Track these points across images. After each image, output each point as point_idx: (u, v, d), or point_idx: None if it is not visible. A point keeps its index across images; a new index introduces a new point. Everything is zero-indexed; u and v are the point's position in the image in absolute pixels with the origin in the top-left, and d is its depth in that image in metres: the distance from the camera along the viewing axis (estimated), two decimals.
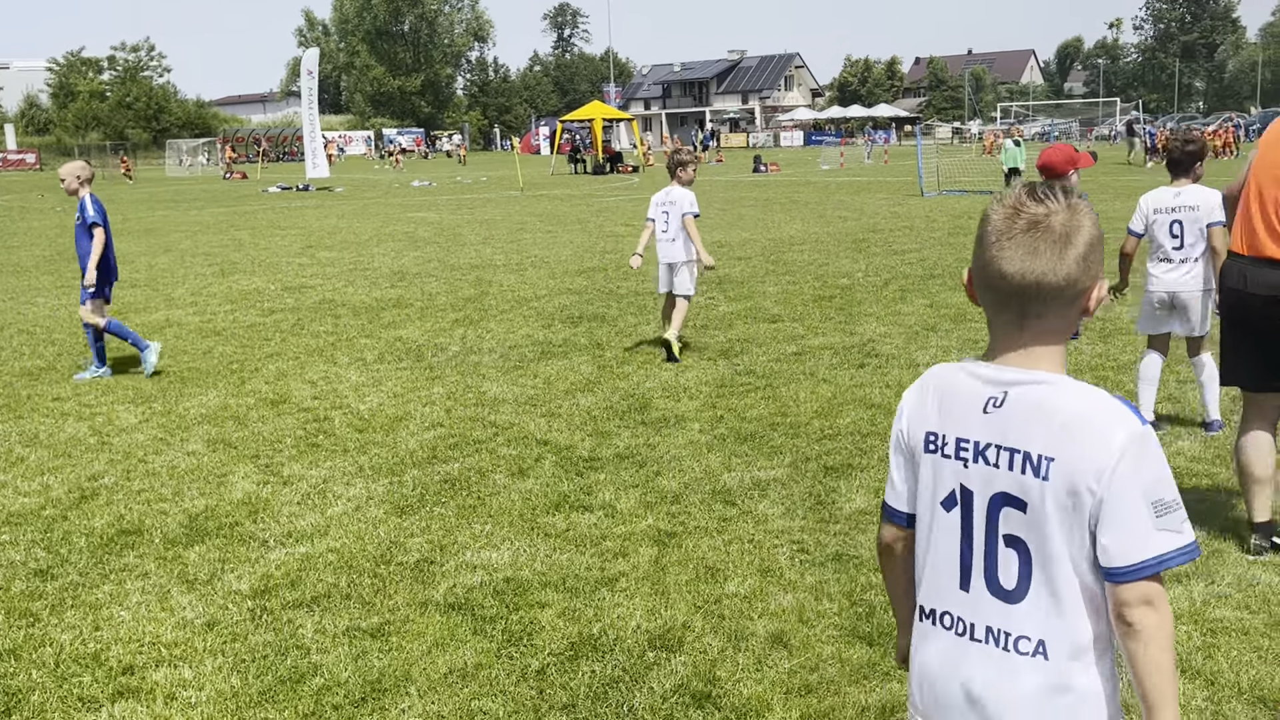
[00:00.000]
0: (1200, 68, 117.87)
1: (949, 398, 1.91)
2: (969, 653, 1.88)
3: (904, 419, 1.99)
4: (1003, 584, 1.85)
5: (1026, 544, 1.82)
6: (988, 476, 1.84)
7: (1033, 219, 1.80)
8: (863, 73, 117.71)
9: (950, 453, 1.89)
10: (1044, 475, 1.78)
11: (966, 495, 1.87)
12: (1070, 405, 1.79)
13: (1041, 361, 1.85)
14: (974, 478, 1.86)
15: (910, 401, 2.00)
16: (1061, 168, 6.81)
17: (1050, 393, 1.81)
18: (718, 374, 8.31)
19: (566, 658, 3.93)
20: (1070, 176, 6.85)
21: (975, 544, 1.88)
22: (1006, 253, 1.81)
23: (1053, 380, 1.81)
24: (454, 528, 5.27)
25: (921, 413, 1.95)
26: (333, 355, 9.47)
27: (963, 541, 1.89)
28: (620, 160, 49.97)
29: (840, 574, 4.60)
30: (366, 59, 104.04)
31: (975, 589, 1.88)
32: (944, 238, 17.52)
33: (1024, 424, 1.81)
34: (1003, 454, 1.82)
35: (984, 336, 9.31)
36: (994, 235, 1.83)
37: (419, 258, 16.81)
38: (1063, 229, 1.81)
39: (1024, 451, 1.80)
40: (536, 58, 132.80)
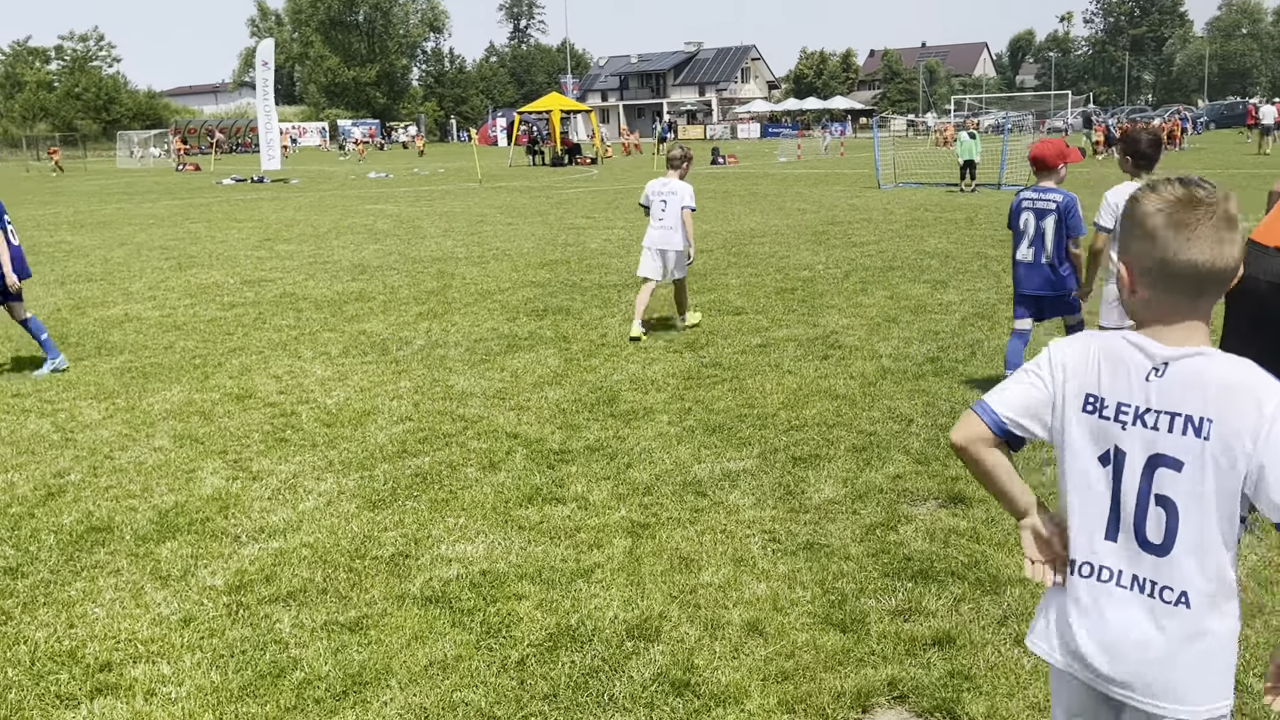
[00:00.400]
0: (1149, 61, 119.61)
1: (1115, 365, 2.07)
2: (1114, 601, 2.08)
3: (1062, 370, 2.13)
4: (1150, 538, 2.04)
5: (1176, 502, 2.00)
6: (1148, 439, 2.02)
7: (1211, 210, 1.98)
8: (818, 65, 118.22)
9: (1110, 416, 2.07)
10: (1205, 435, 1.96)
11: (1120, 455, 2.06)
12: (1227, 373, 1.98)
13: (1196, 336, 2.03)
14: (1131, 439, 2.04)
15: (1073, 359, 2.13)
16: (1052, 161, 6.94)
17: (1207, 363, 1.99)
18: (684, 366, 8.37)
19: (546, 648, 3.97)
20: (1059, 170, 6.98)
21: (1125, 500, 2.06)
22: (1195, 244, 1.97)
23: (1208, 352, 2.00)
24: (427, 521, 5.29)
25: (1085, 374, 2.11)
26: (296, 349, 9.42)
27: (1112, 497, 2.07)
28: (578, 152, 49.91)
29: (812, 562, 4.67)
30: (320, 49, 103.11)
31: (1123, 541, 2.07)
32: (902, 230, 17.69)
33: (1184, 391, 1.99)
34: (1163, 418, 2.01)
35: (942, 328, 9.49)
36: (1175, 227, 1.98)
37: (379, 250, 16.72)
38: (1233, 217, 1.99)
39: (1185, 415, 1.98)
40: (493, 49, 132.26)
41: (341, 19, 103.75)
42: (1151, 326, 2.05)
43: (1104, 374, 2.08)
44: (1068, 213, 6.85)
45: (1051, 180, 6.98)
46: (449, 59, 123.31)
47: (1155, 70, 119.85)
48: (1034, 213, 6.96)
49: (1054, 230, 6.88)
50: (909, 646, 3.91)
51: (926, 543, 4.86)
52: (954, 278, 12.37)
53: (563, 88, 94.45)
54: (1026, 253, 7.04)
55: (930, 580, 4.46)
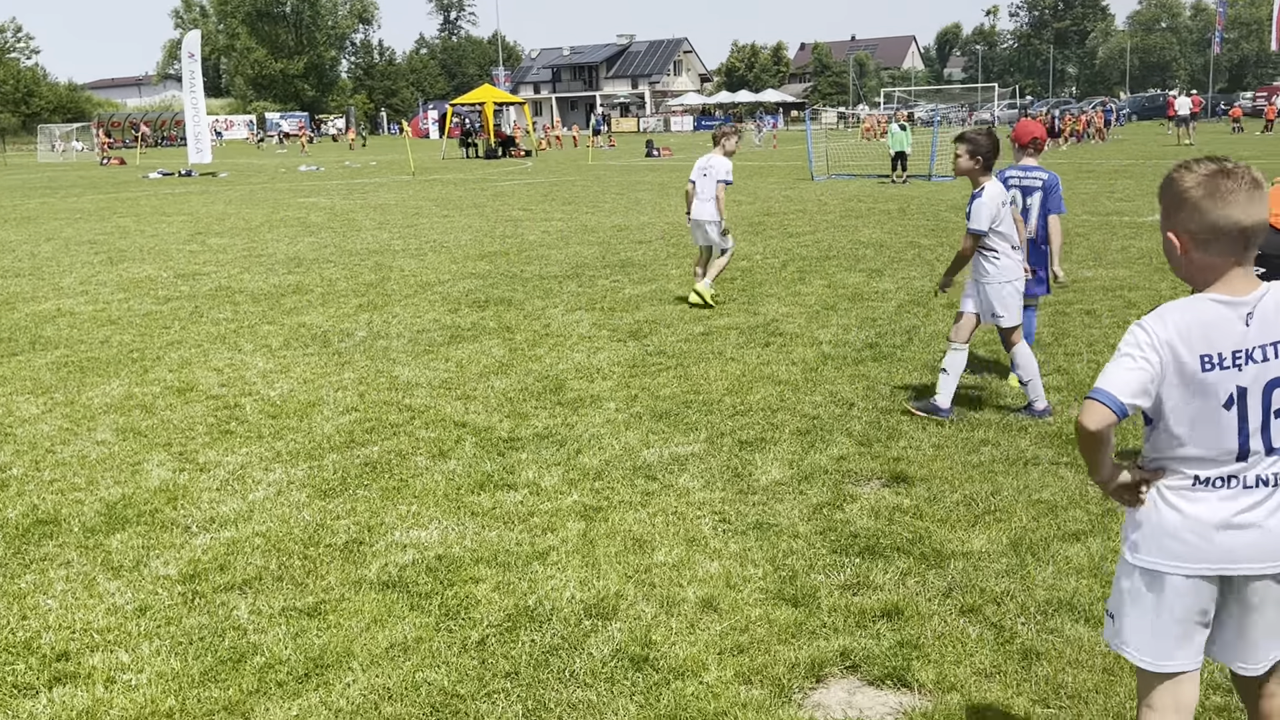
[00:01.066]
0: (1073, 54, 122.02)
1: (1213, 325, 2.44)
2: (1245, 498, 2.49)
3: (1169, 348, 2.45)
4: (1275, 444, 2.49)
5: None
6: (1260, 371, 2.45)
7: (1244, 178, 2.40)
8: (750, 58, 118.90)
9: (1227, 365, 2.45)
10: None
11: (1242, 391, 2.46)
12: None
13: (1251, 279, 2.46)
14: (1247, 377, 2.45)
15: (1175, 334, 2.45)
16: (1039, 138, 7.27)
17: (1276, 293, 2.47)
18: (629, 354, 8.45)
19: (505, 628, 4.03)
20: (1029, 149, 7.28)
21: (1252, 425, 2.47)
22: (1236, 207, 2.39)
23: (1271, 287, 2.47)
24: (379, 509, 5.31)
25: (1192, 342, 2.45)
26: (236, 342, 9.34)
27: (1239, 428, 2.47)
28: (513, 144, 49.70)
29: (762, 541, 4.78)
30: (247, 41, 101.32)
31: (1254, 456, 2.49)
32: (836, 220, 17.94)
33: (1276, 321, 2.45)
34: (1268, 349, 2.45)
35: (879, 315, 9.68)
36: (1218, 195, 2.40)
37: (314, 243, 16.57)
38: (1260, 181, 2.42)
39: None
40: (423, 40, 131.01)
41: (268, 10, 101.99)
42: (1219, 284, 2.45)
43: (1209, 335, 2.43)
44: (1051, 191, 7.09)
45: (1033, 159, 7.24)
46: (378, 51, 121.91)
47: (1079, 63, 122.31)
48: (1021, 189, 7.17)
49: (1039, 207, 7.11)
50: (859, 619, 4.03)
51: (872, 520, 4.99)
52: (889, 266, 12.59)
53: (495, 80, 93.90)
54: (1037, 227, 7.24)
55: (877, 556, 4.59)
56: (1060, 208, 7.14)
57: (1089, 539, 4.68)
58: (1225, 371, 2.44)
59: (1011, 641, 3.82)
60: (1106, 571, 4.34)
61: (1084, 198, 20.19)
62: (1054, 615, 4.00)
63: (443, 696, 3.59)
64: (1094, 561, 4.45)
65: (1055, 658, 3.70)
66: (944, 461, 5.77)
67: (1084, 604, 4.07)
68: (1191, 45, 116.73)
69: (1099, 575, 4.32)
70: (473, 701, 3.56)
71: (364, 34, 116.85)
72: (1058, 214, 7.12)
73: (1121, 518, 4.89)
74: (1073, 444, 5.96)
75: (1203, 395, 2.45)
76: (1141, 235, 14.61)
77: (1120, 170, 27.93)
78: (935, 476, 5.54)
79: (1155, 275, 11.32)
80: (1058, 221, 7.14)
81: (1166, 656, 2.59)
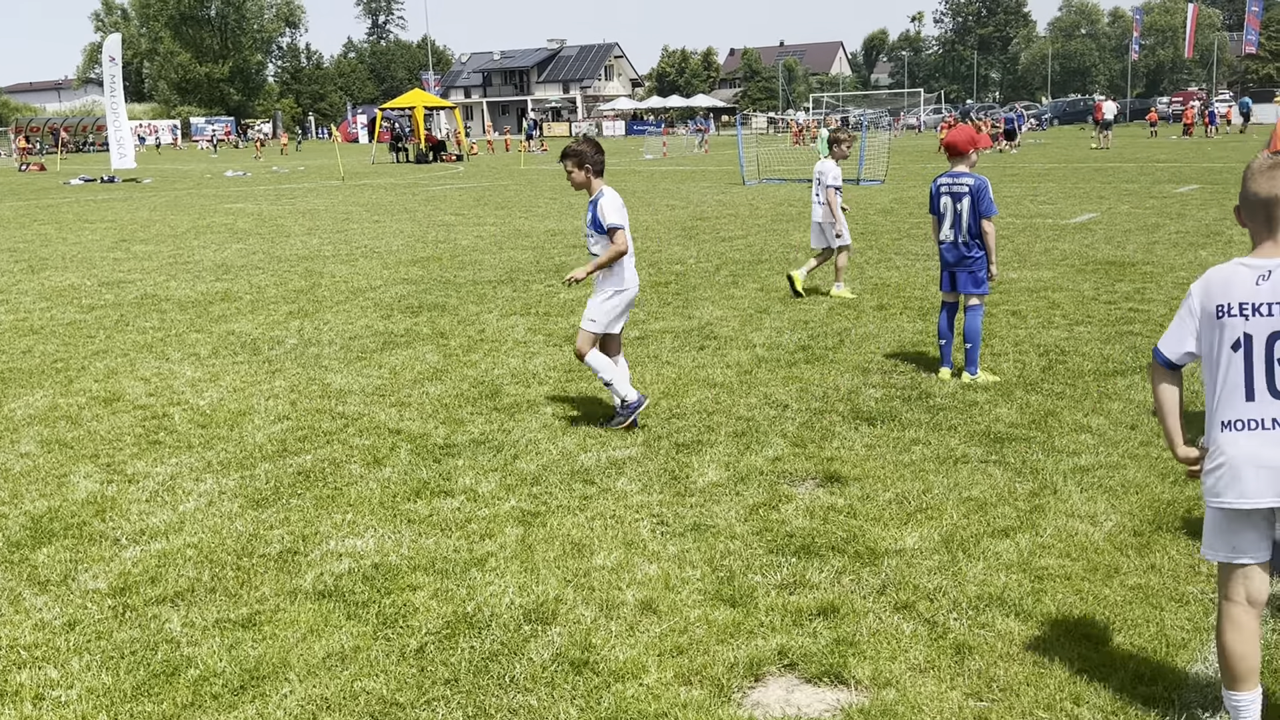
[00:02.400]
0: (996, 60, 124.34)
1: (1230, 281, 3.07)
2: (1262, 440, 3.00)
3: (1195, 300, 3.14)
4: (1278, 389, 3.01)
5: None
6: (1264, 324, 3.00)
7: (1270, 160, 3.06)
8: (680, 63, 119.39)
9: (1235, 313, 3.04)
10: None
11: (1248, 339, 3.02)
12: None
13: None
14: (1254, 326, 3.01)
15: (1200, 290, 3.13)
16: (964, 147, 7.41)
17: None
18: (565, 360, 8.45)
19: (444, 636, 4.01)
20: (970, 155, 7.39)
21: (1256, 369, 3.02)
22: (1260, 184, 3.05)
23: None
24: (314, 518, 5.25)
25: (1210, 294, 3.10)
26: (163, 351, 9.17)
27: (1246, 370, 3.02)
28: (444, 149, 49.39)
29: (700, 543, 4.82)
30: (170, 45, 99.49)
31: (1259, 398, 3.01)
32: (768, 224, 18.10)
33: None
34: (1275, 307, 2.99)
35: (811, 318, 9.78)
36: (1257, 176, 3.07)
37: (242, 250, 16.32)
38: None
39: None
40: (351, 44, 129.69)
41: (192, 14, 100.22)
42: (1254, 250, 3.10)
43: (1227, 289, 3.06)
44: (979, 195, 7.25)
45: (964, 165, 7.38)
46: (306, 55, 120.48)
47: (1002, 68, 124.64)
48: (950, 196, 7.33)
49: (968, 211, 7.26)
50: (795, 618, 4.08)
51: (807, 520, 5.05)
52: (819, 269, 12.72)
53: (425, 84, 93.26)
54: (948, 233, 7.40)
55: (812, 555, 4.65)
56: (991, 211, 7.29)
57: (1017, 535, 4.78)
58: (1234, 318, 3.03)
59: (944, 637, 3.90)
60: (1035, 566, 4.45)
61: (1009, 201, 20.59)
62: (985, 610, 4.08)
63: (382, 705, 3.56)
64: (1023, 557, 4.55)
65: (987, 651, 3.78)
66: (876, 461, 5.86)
67: (1014, 598, 4.16)
68: (1110, 51, 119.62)
69: (1028, 570, 4.41)
70: (412, 709, 3.54)
71: (291, 38, 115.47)
72: (988, 217, 7.26)
73: (1048, 515, 5.03)
74: (1001, 442, 6.09)
75: (1218, 335, 3.05)
76: (1064, 237, 14.94)
77: (1043, 174, 28.52)
78: (868, 476, 5.62)
79: (1078, 276, 11.59)
80: (990, 224, 7.29)
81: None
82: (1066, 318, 9.42)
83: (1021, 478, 5.52)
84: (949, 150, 7.47)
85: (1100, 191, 22.26)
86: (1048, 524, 4.90)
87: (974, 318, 7.44)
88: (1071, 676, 3.59)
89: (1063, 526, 4.86)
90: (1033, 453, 5.89)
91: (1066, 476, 5.49)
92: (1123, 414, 6.55)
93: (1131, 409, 6.64)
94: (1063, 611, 4.05)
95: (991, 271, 7.41)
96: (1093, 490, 5.29)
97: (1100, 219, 17.14)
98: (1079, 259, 12.86)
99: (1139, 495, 5.21)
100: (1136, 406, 6.69)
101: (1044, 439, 6.12)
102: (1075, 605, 4.10)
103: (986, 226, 7.29)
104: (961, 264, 7.38)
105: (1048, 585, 4.28)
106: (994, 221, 7.35)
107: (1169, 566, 4.42)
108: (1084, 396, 6.95)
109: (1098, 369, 7.62)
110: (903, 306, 10.19)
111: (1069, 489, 5.32)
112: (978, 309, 7.46)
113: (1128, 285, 10.91)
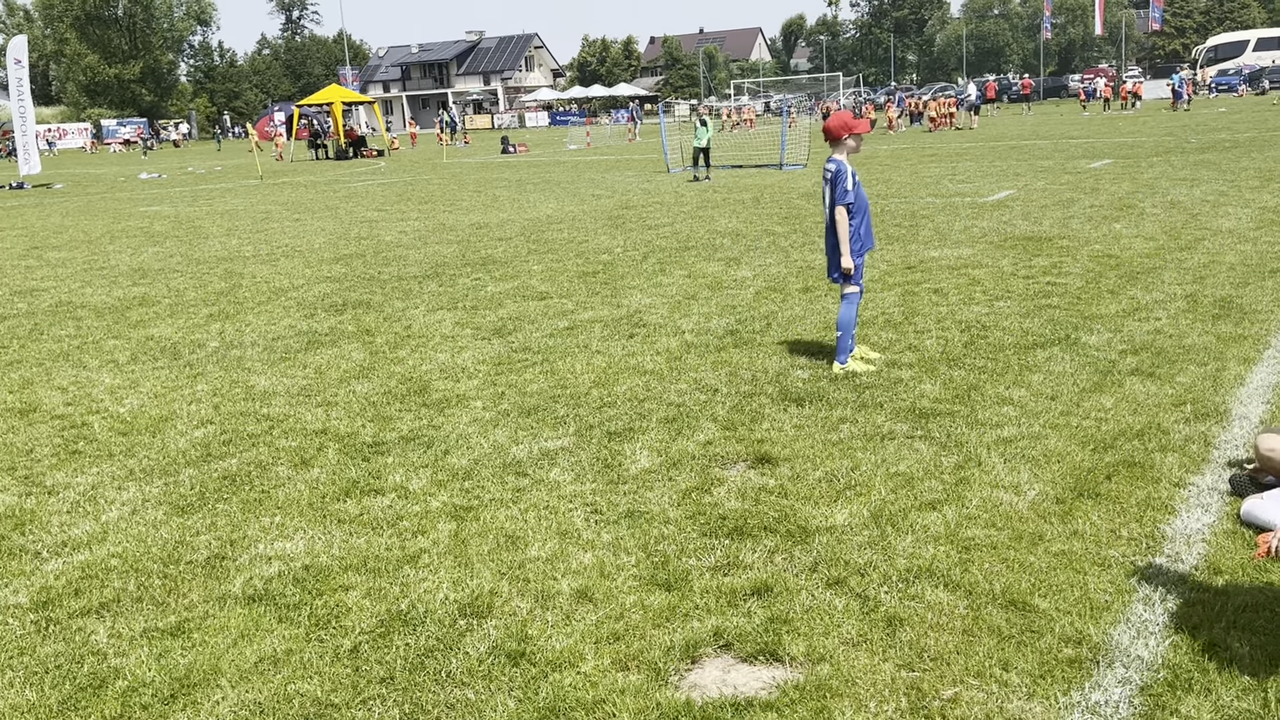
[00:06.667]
0: (912, 42, 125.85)
1: None
2: None
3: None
4: None
5: None
6: None
7: None
8: (601, 53, 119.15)
9: None
10: None
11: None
12: None
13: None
14: None
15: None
16: (836, 132, 7.16)
17: None
18: (494, 352, 8.41)
19: (378, 634, 3.98)
20: (845, 140, 7.19)
21: None
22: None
23: None
24: (241, 523, 5.17)
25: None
26: (80, 359, 8.95)
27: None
28: (364, 145, 48.77)
29: (634, 529, 4.83)
30: (77, 46, 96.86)
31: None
32: (693, 211, 18.15)
33: None
34: None
35: (738, 302, 9.84)
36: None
37: (159, 253, 15.98)
38: None
39: None
40: (265, 41, 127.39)
41: (98, 14, 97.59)
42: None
43: None
44: (835, 181, 7.11)
45: (841, 151, 7.23)
46: (219, 53, 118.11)
47: (918, 51, 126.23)
48: (824, 182, 7.27)
49: (829, 197, 7.19)
50: (730, 598, 4.11)
51: (739, 502, 5.09)
52: (745, 255, 12.82)
53: (342, 80, 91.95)
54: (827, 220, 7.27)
55: (745, 536, 4.69)
56: (841, 199, 7.09)
57: (944, 507, 4.86)
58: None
59: (876, 610, 3.96)
60: (962, 537, 4.53)
61: (928, 181, 20.89)
62: (915, 582, 4.15)
63: (316, 707, 3.53)
64: (950, 529, 4.63)
65: (918, 623, 3.84)
66: (805, 441, 5.92)
67: (942, 569, 4.23)
68: (1023, 31, 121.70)
69: (955, 541, 4.50)
70: (348, 710, 3.50)
71: (203, 36, 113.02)
72: (840, 204, 7.09)
73: (973, 487, 5.12)
74: (926, 417, 6.19)
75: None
76: (983, 215, 15.20)
77: (961, 153, 28.97)
78: (798, 456, 5.68)
79: (997, 252, 11.80)
80: (841, 211, 7.11)
81: None
82: (987, 293, 9.59)
83: (947, 451, 5.62)
84: (826, 136, 7.30)
85: (1017, 169, 22.67)
86: (973, 495, 4.99)
87: (844, 307, 7.26)
88: (1000, 643, 3.67)
89: (988, 497, 4.96)
90: (957, 426, 5.99)
91: (990, 448, 5.59)
92: (1043, 385, 6.69)
93: (1051, 380, 6.78)
94: (990, 580, 4.14)
95: (842, 263, 7.16)
96: (1015, 461, 5.41)
97: (1017, 196, 17.46)
98: (997, 235, 13.09)
99: (1060, 464, 5.33)
100: (1056, 378, 6.83)
101: (967, 413, 6.23)
102: (1002, 574, 4.19)
103: (838, 214, 7.13)
104: (829, 250, 7.30)
105: (975, 555, 4.36)
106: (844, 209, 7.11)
107: (1091, 532, 4.53)
108: (1005, 370, 7.09)
109: (1018, 342, 7.77)
110: (827, 289, 10.29)
111: (993, 460, 5.42)
112: (848, 298, 7.28)
113: (1045, 260, 11.14)
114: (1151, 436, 5.64)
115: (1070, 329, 8.05)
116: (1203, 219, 13.38)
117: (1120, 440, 5.61)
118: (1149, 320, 8.21)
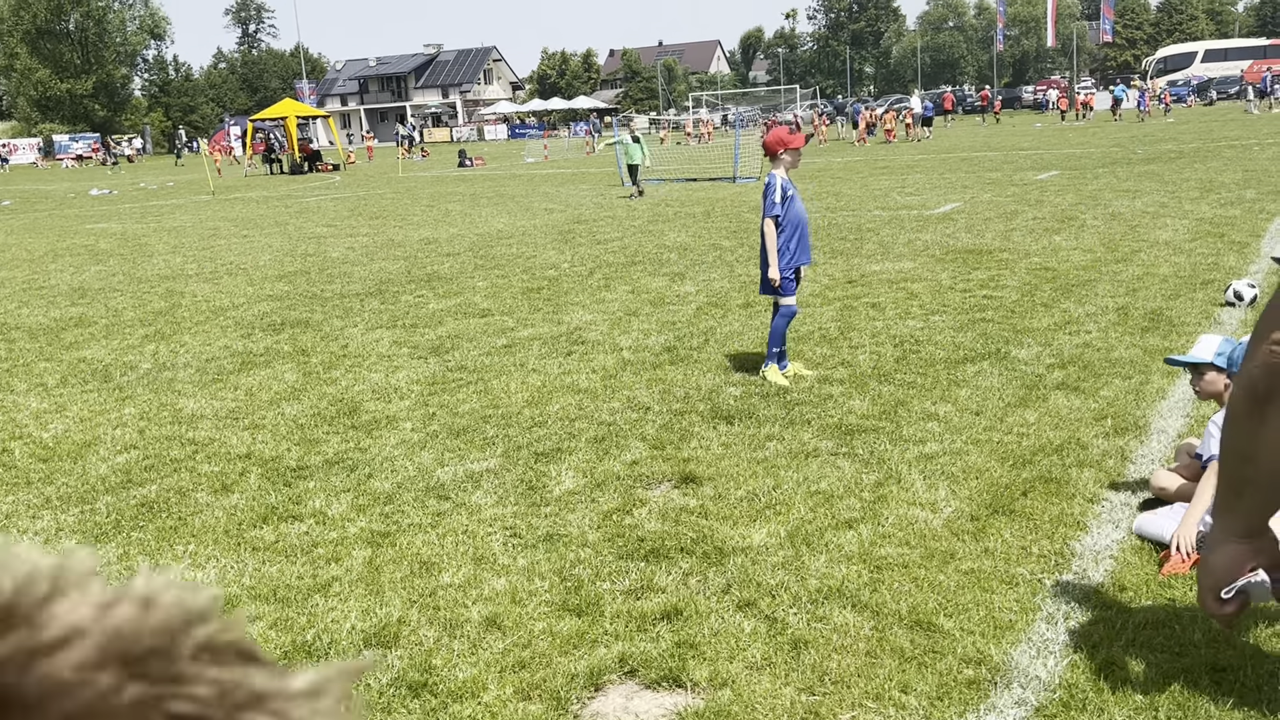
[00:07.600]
0: (869, 54, 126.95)
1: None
2: None
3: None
4: None
5: None
6: None
7: None
8: (560, 65, 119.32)
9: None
10: None
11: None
12: None
13: None
14: None
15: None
16: (772, 148, 7.34)
17: None
18: (429, 372, 8.35)
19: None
20: (782, 155, 7.33)
21: None
22: None
23: None
24: (154, 551, 5.09)
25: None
26: (8, 383, 8.81)
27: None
28: (319, 159, 48.48)
29: (551, 553, 4.80)
30: (28, 61, 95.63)
31: None
32: (644, 225, 18.17)
33: None
34: None
35: (679, 319, 9.85)
36: None
37: (101, 272, 15.77)
38: None
39: None
40: (221, 55, 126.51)
41: (50, 29, 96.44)
42: None
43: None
44: (765, 194, 7.31)
45: (779, 165, 7.37)
46: (174, 67, 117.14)
47: (875, 63, 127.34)
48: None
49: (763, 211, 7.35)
50: (640, 623, 4.09)
51: (659, 523, 5.08)
52: (691, 269, 12.83)
53: (299, 93, 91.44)
54: None
55: (661, 558, 4.67)
56: (769, 211, 7.24)
57: (860, 525, 4.87)
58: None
59: (783, 633, 3.95)
60: (875, 556, 4.54)
61: (877, 193, 21.04)
62: (823, 603, 4.15)
63: None
64: (864, 547, 4.64)
65: (822, 645, 3.84)
66: (731, 460, 5.91)
67: (852, 589, 4.23)
68: (977, 43, 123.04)
69: (868, 560, 4.50)
70: None
71: (157, 49, 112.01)
72: (768, 217, 7.25)
73: (890, 504, 5.13)
74: (852, 434, 6.21)
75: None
76: (927, 228, 15.32)
77: (912, 165, 29.21)
78: (722, 475, 5.67)
79: (937, 266, 11.89)
80: (768, 224, 7.25)
81: None
82: (923, 307, 9.66)
83: (869, 468, 5.63)
84: (765, 149, 7.51)
85: (965, 181, 22.88)
86: (890, 513, 5.00)
87: (776, 319, 7.43)
88: (901, 665, 3.67)
89: (904, 515, 4.97)
90: (880, 443, 6.01)
91: (911, 465, 5.62)
92: (969, 400, 6.73)
93: (978, 395, 6.83)
94: (897, 600, 4.14)
95: (770, 273, 7.26)
96: (935, 477, 5.43)
97: (963, 208, 17.62)
98: (940, 249, 13.19)
99: (978, 480, 5.35)
100: (983, 392, 6.88)
101: (892, 429, 6.26)
102: (910, 593, 4.20)
103: (766, 227, 7.28)
104: (764, 266, 7.42)
105: (885, 575, 4.37)
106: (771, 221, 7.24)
107: (1002, 549, 4.55)
108: (934, 385, 7.13)
109: (949, 356, 7.82)
110: (767, 303, 10.30)
111: (913, 477, 5.44)
112: (782, 310, 7.41)
113: (983, 273, 11.23)
114: (1070, 451, 5.69)
115: (1001, 343, 8.11)
116: (1141, 231, 13.56)
117: (1039, 456, 5.65)
118: (1079, 334, 8.29)
